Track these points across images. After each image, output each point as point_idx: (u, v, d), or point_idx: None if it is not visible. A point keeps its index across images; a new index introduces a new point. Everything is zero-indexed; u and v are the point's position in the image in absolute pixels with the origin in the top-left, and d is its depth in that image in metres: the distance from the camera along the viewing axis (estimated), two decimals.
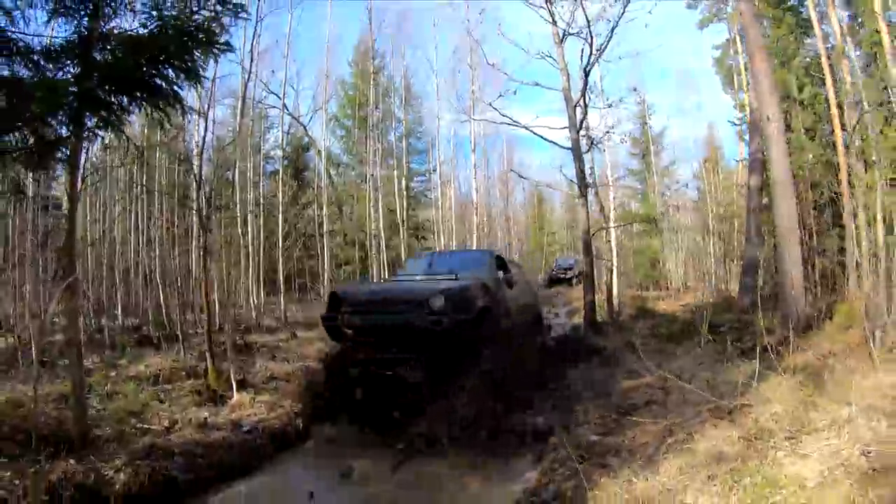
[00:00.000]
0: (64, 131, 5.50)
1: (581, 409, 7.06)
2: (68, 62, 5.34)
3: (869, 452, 3.71)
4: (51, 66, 5.23)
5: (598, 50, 14.72)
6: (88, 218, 17.01)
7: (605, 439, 5.72)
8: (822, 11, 17.27)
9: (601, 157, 23.73)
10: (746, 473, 3.90)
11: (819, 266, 14.49)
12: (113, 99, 5.41)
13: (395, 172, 27.72)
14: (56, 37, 5.51)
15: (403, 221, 26.85)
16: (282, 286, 20.89)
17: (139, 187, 19.09)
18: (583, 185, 14.96)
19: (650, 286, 30.41)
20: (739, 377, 5.73)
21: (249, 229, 21.08)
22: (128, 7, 5.49)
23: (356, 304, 8.26)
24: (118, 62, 5.13)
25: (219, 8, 5.45)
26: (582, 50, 14.73)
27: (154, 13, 5.28)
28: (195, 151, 13.38)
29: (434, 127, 30.35)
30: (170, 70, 5.38)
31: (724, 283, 23.95)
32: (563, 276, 36.13)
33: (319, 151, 24.65)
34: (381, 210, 25.23)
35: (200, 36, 5.24)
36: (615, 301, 17.17)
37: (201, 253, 9.87)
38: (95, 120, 5.55)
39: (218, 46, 5.51)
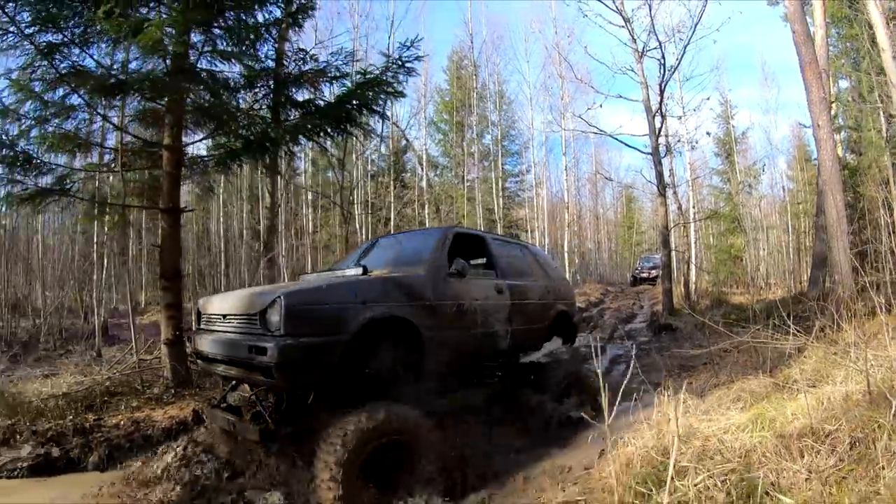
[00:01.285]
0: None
1: (650, 361, 9.09)
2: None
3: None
4: None
5: (670, 69, 16.19)
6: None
7: (667, 380, 7.46)
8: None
9: (682, 158, 24.55)
10: (763, 398, 5.37)
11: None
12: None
13: (493, 174, 29.09)
14: None
15: (499, 220, 28.05)
16: None
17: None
18: (662, 186, 16.46)
19: (732, 283, 30.10)
20: (788, 350, 6.79)
21: (359, 227, 22.93)
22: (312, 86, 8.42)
23: (205, 319, 5.80)
24: (333, 106, 7.52)
25: (400, 71, 7.97)
26: (659, 67, 16.10)
27: (361, 76, 8.25)
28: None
29: (525, 129, 31.80)
30: (364, 110, 7.95)
31: (801, 279, 24.23)
32: (646, 275, 35.04)
33: (419, 155, 26.54)
34: (478, 209, 26.81)
35: (387, 88, 7.58)
36: (692, 291, 18.61)
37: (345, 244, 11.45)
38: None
39: (395, 93, 8.25)
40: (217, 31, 7.78)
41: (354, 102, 8.18)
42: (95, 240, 18.63)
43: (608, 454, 4.15)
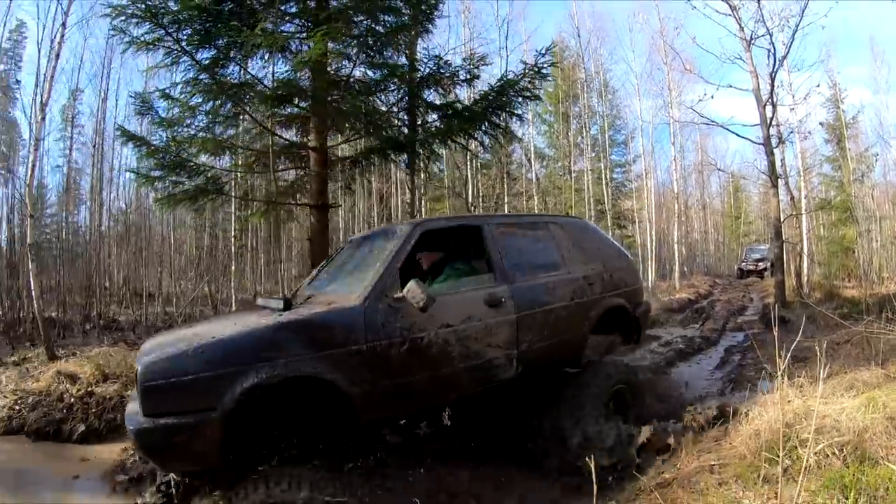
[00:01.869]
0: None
1: (765, 353, 9.17)
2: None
3: None
4: None
5: (781, 58, 15.94)
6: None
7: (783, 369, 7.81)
8: None
9: (793, 147, 23.96)
10: (875, 387, 5.52)
11: None
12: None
13: (601, 164, 29.03)
14: None
15: (606, 211, 28.06)
16: None
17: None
18: (774, 176, 16.28)
19: (844, 276, 29.30)
20: None
21: None
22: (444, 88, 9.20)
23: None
24: (471, 109, 8.55)
25: (536, 76, 8.68)
26: (768, 55, 15.89)
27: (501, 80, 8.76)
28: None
29: (631, 119, 32.01)
30: (503, 113, 8.71)
31: None
32: (753, 267, 34.54)
33: (526, 147, 26.99)
34: (587, 200, 27.12)
35: (525, 93, 8.23)
36: (804, 283, 18.44)
37: None
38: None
39: (533, 97, 8.95)
40: (350, 39, 8.39)
41: (492, 106, 8.80)
42: (234, 234, 19.88)
43: (738, 427, 4.66)
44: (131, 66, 34.98)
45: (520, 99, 8.84)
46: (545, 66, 8.63)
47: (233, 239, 19.76)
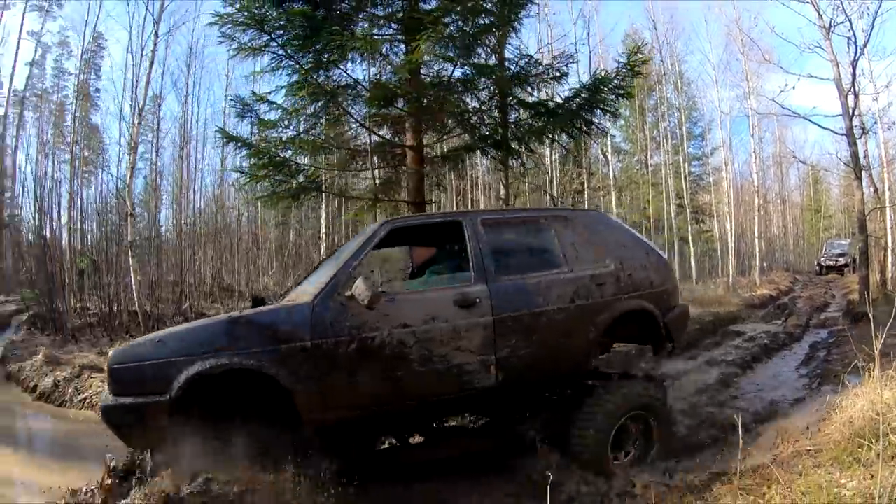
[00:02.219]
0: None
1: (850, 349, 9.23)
2: None
3: None
4: None
5: (861, 46, 15.40)
6: None
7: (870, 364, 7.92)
8: None
9: (875, 137, 23.21)
10: None
11: None
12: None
13: (679, 157, 28.91)
14: None
15: (686, 206, 28.18)
16: None
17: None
18: (857, 168, 15.93)
19: None
20: None
21: None
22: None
23: None
24: (563, 107, 8.80)
25: (629, 74, 8.85)
26: (848, 43, 15.40)
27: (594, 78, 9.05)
28: None
29: (707, 110, 31.44)
30: (597, 110, 8.90)
31: None
32: (832, 263, 33.75)
33: (603, 141, 26.94)
34: (666, 195, 27.01)
35: (619, 91, 8.44)
36: (888, 279, 18.09)
37: None
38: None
39: (627, 94, 9.12)
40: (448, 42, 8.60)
41: (587, 104, 8.96)
42: (323, 231, 20.61)
43: (831, 416, 4.92)
44: (211, 71, 36.33)
45: (612, 97, 8.98)
46: (637, 63, 8.80)
47: (323, 235, 20.35)
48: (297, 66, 8.60)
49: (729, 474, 4.34)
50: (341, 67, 8.92)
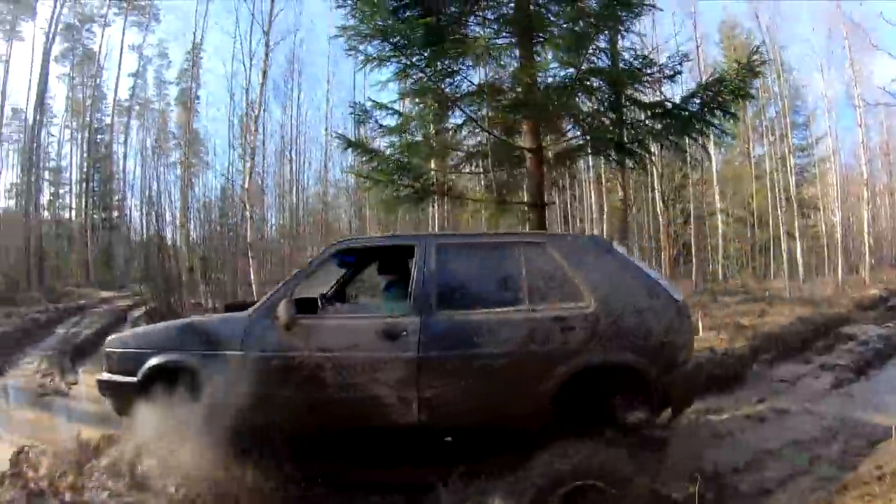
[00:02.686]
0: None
1: None
2: None
3: None
4: None
5: None
6: None
7: None
8: None
9: None
10: None
11: None
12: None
13: (783, 148, 28.31)
14: None
15: (791, 199, 27.36)
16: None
17: None
18: None
19: None
20: None
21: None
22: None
23: None
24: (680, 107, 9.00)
25: (748, 75, 8.79)
26: None
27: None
28: None
29: (812, 99, 30.65)
30: (717, 111, 8.94)
31: None
32: None
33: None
34: (772, 188, 26.42)
35: (739, 92, 8.61)
36: None
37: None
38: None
39: (747, 95, 9.13)
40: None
41: (708, 105, 8.86)
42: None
43: None
44: (313, 78, 37.47)
45: (731, 97, 8.83)
46: (756, 63, 8.68)
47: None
48: (422, 75, 8.89)
49: None
50: (462, 73, 9.19)
